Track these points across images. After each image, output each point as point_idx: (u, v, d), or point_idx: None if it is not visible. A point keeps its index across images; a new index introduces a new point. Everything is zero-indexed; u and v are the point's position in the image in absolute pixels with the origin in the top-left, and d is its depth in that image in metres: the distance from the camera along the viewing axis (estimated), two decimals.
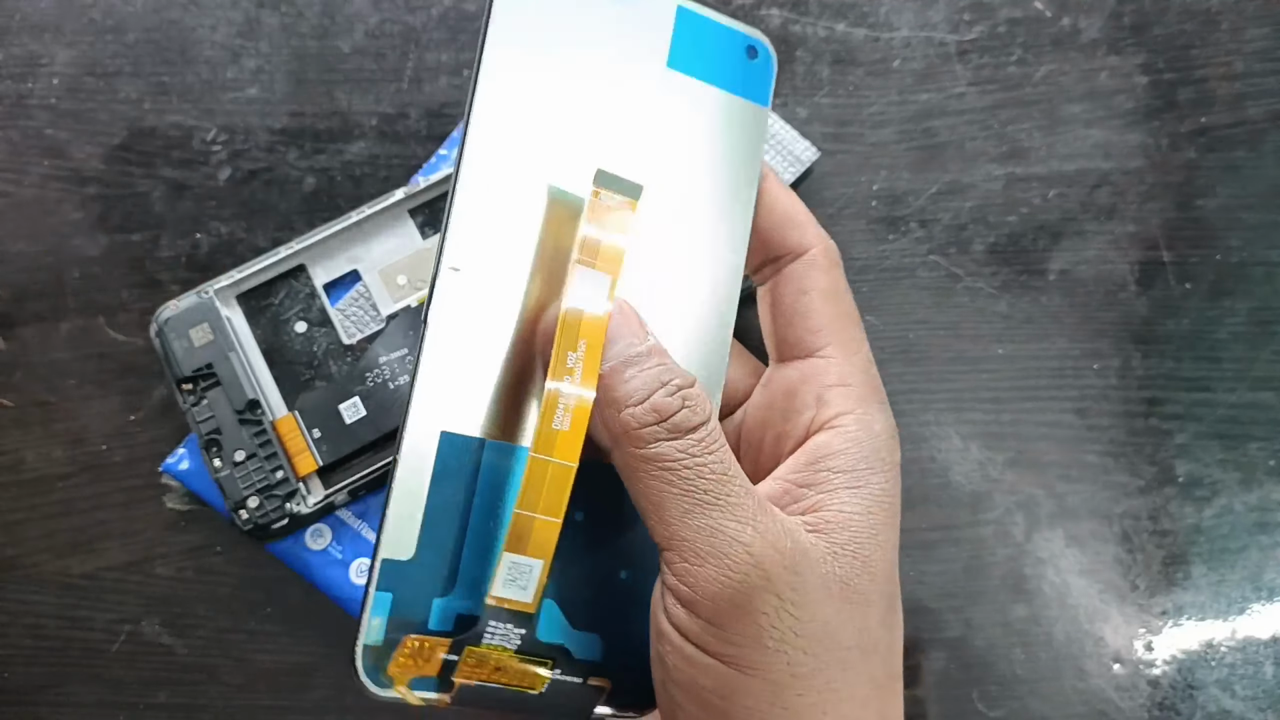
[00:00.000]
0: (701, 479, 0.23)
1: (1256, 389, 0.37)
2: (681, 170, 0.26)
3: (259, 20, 0.40)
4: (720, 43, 0.26)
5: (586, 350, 0.23)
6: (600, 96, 0.25)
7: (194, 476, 0.35)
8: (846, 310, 0.27)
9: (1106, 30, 0.40)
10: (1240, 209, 0.39)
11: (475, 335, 0.24)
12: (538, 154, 0.25)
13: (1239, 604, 0.36)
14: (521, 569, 0.23)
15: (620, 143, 0.25)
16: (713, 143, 0.26)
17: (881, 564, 0.24)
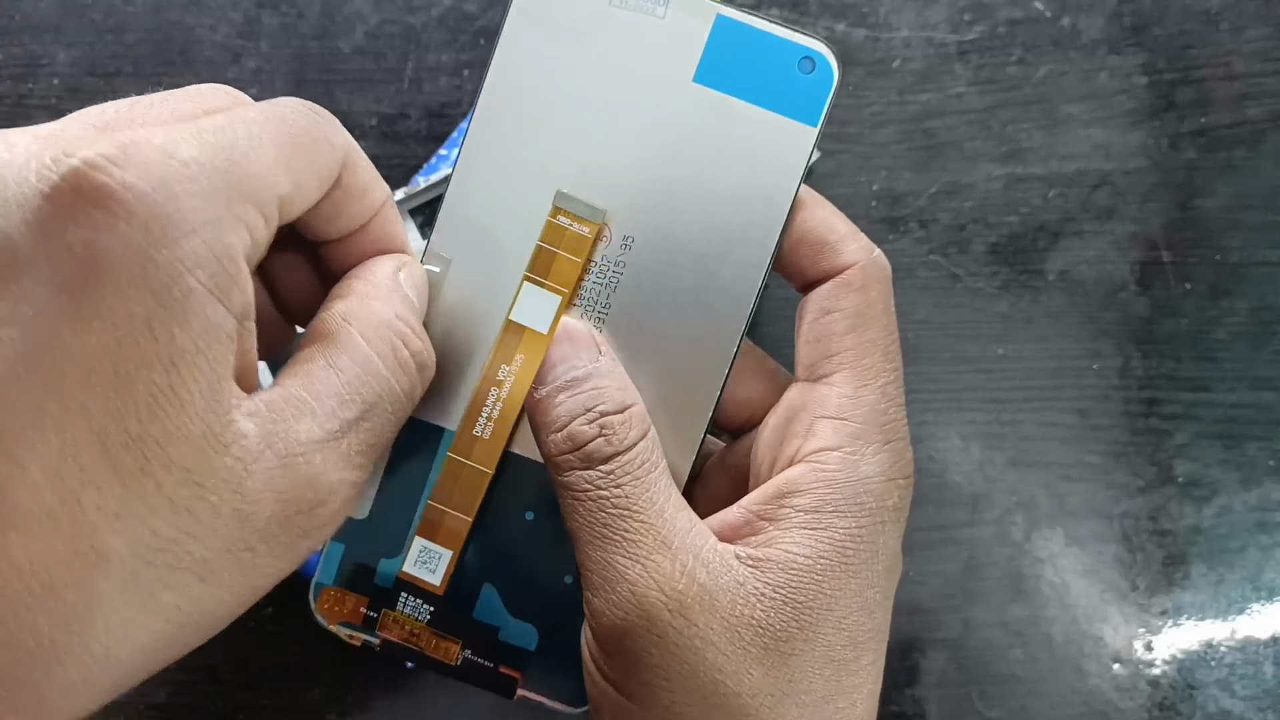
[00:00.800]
0: (603, 511, 0.23)
1: (1256, 389, 0.37)
2: (693, 190, 0.25)
3: (259, 20, 0.40)
4: (766, 54, 0.24)
5: (522, 365, 0.24)
6: (613, 107, 0.24)
7: None
8: (871, 337, 0.25)
9: (1106, 30, 0.40)
10: (1240, 209, 0.39)
11: (452, 324, 0.25)
12: (535, 158, 0.25)
13: (1239, 604, 0.36)
14: (431, 554, 0.25)
15: (624, 156, 0.24)
16: (736, 164, 0.24)
17: (821, 612, 0.22)
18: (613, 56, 0.24)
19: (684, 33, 0.24)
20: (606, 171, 0.24)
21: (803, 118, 0.25)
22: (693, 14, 0.24)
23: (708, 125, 0.24)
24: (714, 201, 0.24)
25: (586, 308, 0.25)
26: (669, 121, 0.24)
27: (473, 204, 0.25)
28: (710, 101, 0.24)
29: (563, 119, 0.24)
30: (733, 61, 0.24)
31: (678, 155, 0.24)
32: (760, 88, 0.24)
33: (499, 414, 0.24)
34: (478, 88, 0.24)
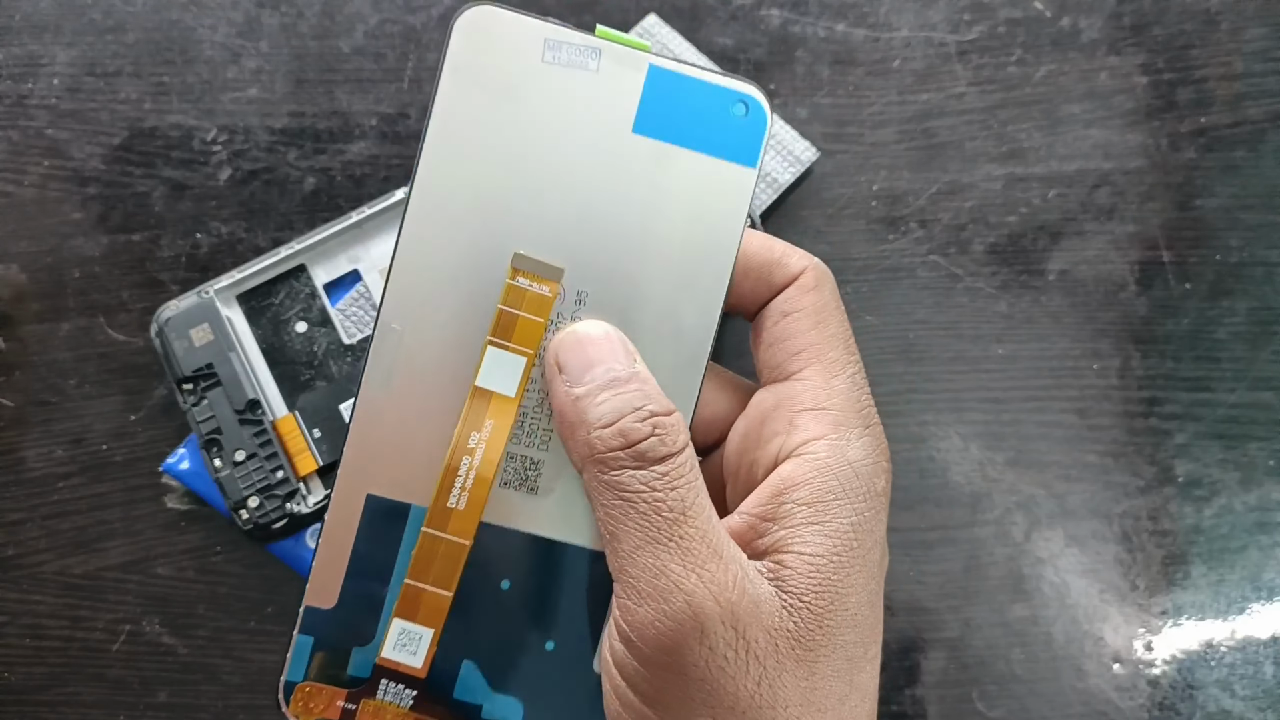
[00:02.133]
0: (658, 514, 0.22)
1: (1256, 389, 0.37)
2: (641, 240, 0.24)
3: (259, 20, 0.40)
4: (701, 101, 0.24)
5: (493, 430, 0.24)
6: (556, 163, 0.24)
7: (194, 476, 0.35)
8: (832, 332, 0.25)
9: (1106, 30, 0.40)
10: (1240, 209, 0.39)
11: (410, 398, 0.24)
12: (482, 220, 0.24)
13: (1239, 604, 0.36)
14: (411, 635, 0.24)
15: (570, 212, 0.24)
16: (681, 210, 0.24)
17: (840, 613, 0.23)
18: (550, 113, 0.24)
19: (619, 85, 0.24)
20: (555, 228, 0.24)
21: (741, 160, 0.25)
22: (626, 66, 0.24)
23: (650, 174, 0.24)
24: (663, 249, 0.24)
25: (541, 363, 0.24)
26: (612, 173, 0.24)
27: (422, 271, 0.24)
28: (650, 151, 0.24)
29: (506, 179, 0.24)
30: (669, 110, 0.24)
31: (623, 206, 0.24)
32: (698, 134, 0.25)
33: (473, 483, 0.24)
34: (417, 150, 0.24)
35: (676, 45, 0.39)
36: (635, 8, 0.40)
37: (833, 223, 0.39)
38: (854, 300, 0.38)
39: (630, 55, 0.24)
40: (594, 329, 0.24)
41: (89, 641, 0.35)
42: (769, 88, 0.40)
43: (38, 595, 0.35)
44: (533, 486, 0.24)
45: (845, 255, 0.38)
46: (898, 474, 0.37)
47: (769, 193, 0.38)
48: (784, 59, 0.40)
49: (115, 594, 0.35)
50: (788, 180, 0.38)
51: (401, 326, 0.24)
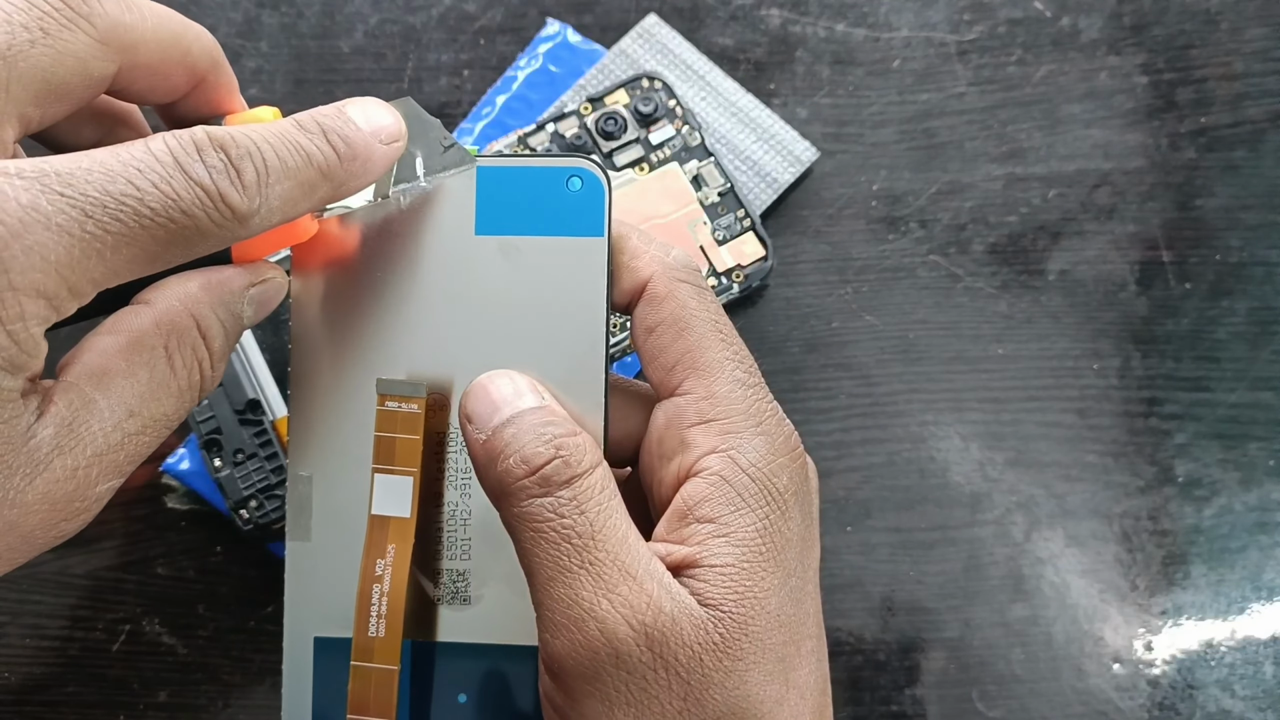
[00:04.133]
0: (567, 542, 0.22)
1: (1256, 389, 0.37)
2: (515, 333, 0.25)
3: (259, 20, 0.40)
4: (534, 187, 0.25)
5: (396, 555, 0.24)
6: (412, 283, 0.25)
7: (194, 476, 0.35)
8: (700, 334, 0.24)
9: (1106, 30, 0.40)
10: (1240, 209, 0.39)
11: (332, 537, 0.25)
12: (361, 352, 0.25)
13: (1239, 604, 0.36)
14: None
15: (440, 325, 0.25)
16: (544, 294, 0.25)
17: (762, 617, 0.22)
18: (397, 238, 0.25)
19: (454, 195, 0.25)
20: (429, 345, 0.25)
21: (588, 232, 0.25)
22: (457, 176, 0.25)
23: (502, 270, 0.25)
24: (537, 334, 0.25)
25: (447, 478, 0.25)
26: (469, 279, 0.25)
27: (315, 414, 0.25)
28: (497, 248, 0.25)
29: (370, 310, 0.25)
30: (506, 204, 0.25)
31: (485, 306, 0.25)
32: (539, 219, 0.25)
33: (387, 609, 0.24)
34: (287, 306, 0.24)
35: (676, 45, 0.39)
36: (635, 8, 0.40)
37: (833, 223, 0.39)
38: (854, 300, 0.38)
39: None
40: (497, 376, 0.24)
41: (89, 641, 0.35)
42: (769, 87, 0.40)
43: (38, 595, 0.35)
44: (465, 597, 0.25)
45: (845, 255, 0.38)
46: (898, 474, 0.37)
47: (769, 193, 0.38)
48: (784, 59, 0.40)
49: (115, 594, 0.35)
50: (788, 180, 0.38)
51: (308, 472, 0.25)
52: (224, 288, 0.22)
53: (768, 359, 0.37)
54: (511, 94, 0.39)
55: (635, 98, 0.37)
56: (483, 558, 0.25)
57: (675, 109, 0.37)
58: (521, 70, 0.39)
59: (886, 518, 0.36)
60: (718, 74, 0.39)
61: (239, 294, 0.22)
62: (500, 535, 0.24)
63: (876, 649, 0.36)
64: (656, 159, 0.37)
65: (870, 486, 0.36)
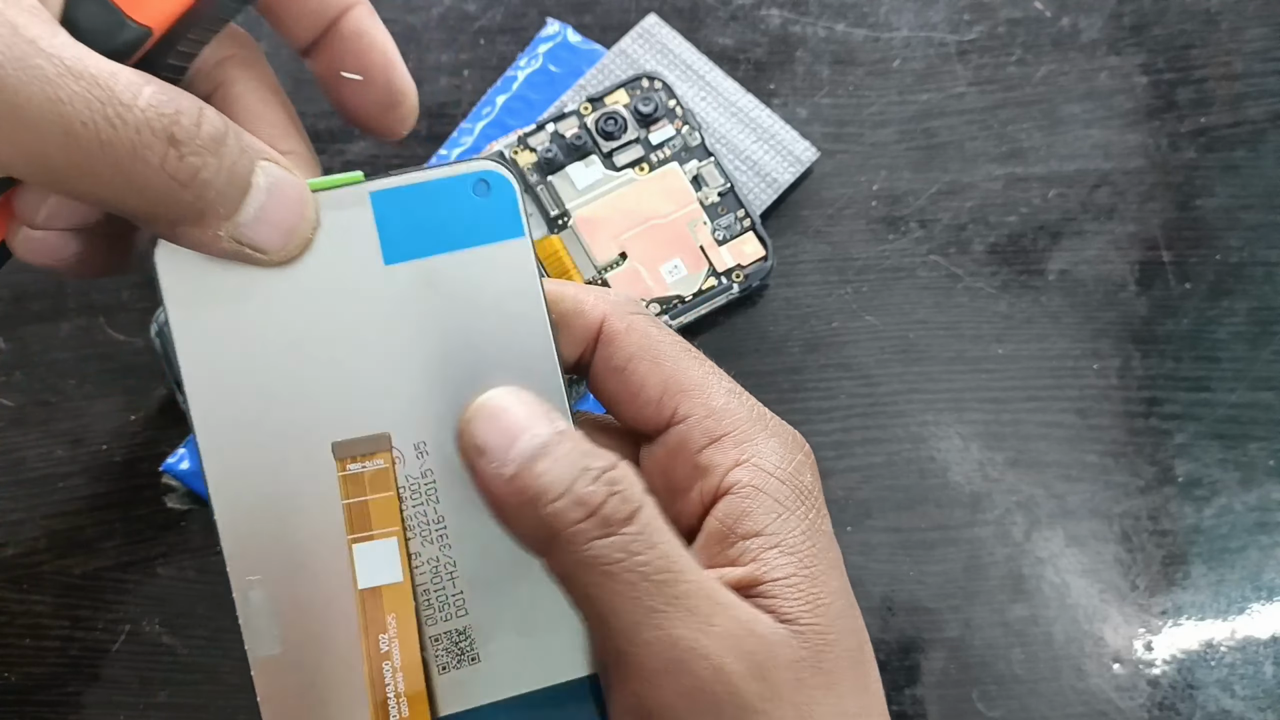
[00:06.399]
0: (646, 580, 0.19)
1: (1256, 389, 0.37)
2: (451, 358, 0.22)
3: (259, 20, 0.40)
4: (438, 201, 0.23)
5: (399, 624, 0.22)
6: (327, 331, 0.22)
7: (194, 476, 0.35)
8: (675, 357, 0.23)
9: (1106, 30, 0.40)
10: (1240, 209, 0.39)
11: (310, 638, 0.22)
12: (286, 423, 0.22)
13: (1239, 604, 0.36)
14: None
15: (369, 371, 0.22)
16: (474, 309, 0.23)
17: (837, 622, 0.21)
18: (296, 289, 0.22)
19: (351, 227, 0.22)
20: (362, 396, 0.22)
21: (504, 235, 0.23)
22: (348, 206, 0.22)
23: (423, 294, 0.23)
24: (477, 353, 0.23)
25: (418, 535, 0.23)
26: (387, 311, 0.22)
27: (250, 512, 0.22)
28: (412, 273, 0.23)
29: (284, 376, 0.22)
30: (410, 225, 0.23)
31: (416, 337, 0.22)
32: (450, 233, 0.23)
33: (405, 684, 0.22)
34: (184, 400, 0.22)
35: (676, 46, 0.39)
36: (635, 8, 0.40)
37: (833, 223, 0.39)
38: (854, 300, 0.38)
39: (347, 195, 0.22)
40: (504, 397, 0.21)
41: (89, 641, 0.35)
42: (769, 87, 0.40)
43: (38, 595, 0.35)
44: (473, 656, 0.23)
45: (845, 255, 0.38)
46: (898, 474, 0.37)
47: (769, 193, 0.38)
48: (784, 59, 0.40)
49: (115, 594, 0.35)
50: (788, 180, 0.38)
51: (257, 575, 0.22)
52: None
53: (768, 359, 0.37)
54: (511, 94, 0.39)
55: (635, 98, 0.37)
56: (480, 609, 0.23)
57: (675, 109, 0.37)
58: (521, 70, 0.39)
59: (886, 518, 0.36)
60: (718, 74, 0.39)
61: None
62: (492, 579, 0.22)
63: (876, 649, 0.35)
64: (656, 159, 0.37)
65: (870, 486, 0.36)
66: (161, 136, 0.19)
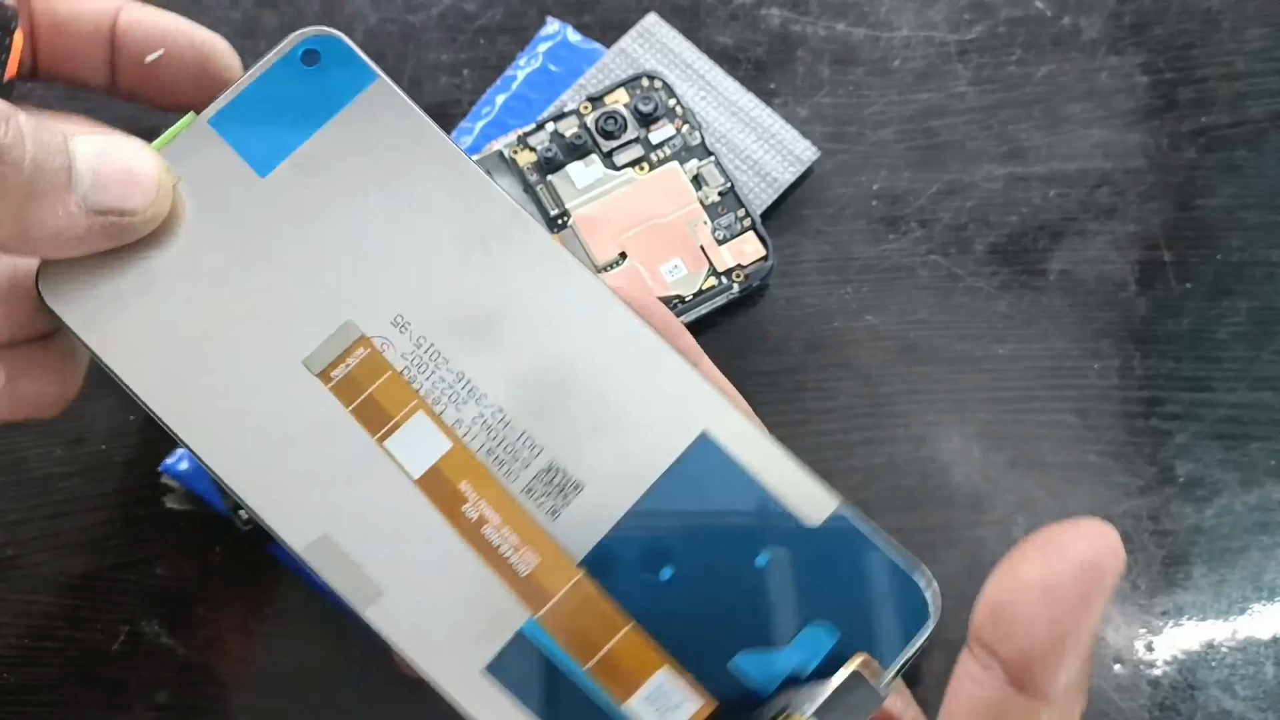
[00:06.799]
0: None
1: (1257, 389, 0.37)
2: (369, 223, 0.21)
3: (258, 20, 0.40)
4: (276, 93, 0.21)
5: (475, 486, 0.21)
6: (242, 270, 0.21)
7: (194, 476, 0.35)
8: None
9: (1107, 30, 0.40)
10: (1241, 209, 0.39)
11: (403, 560, 0.20)
12: (251, 381, 0.21)
13: (1240, 604, 0.36)
14: (658, 695, 0.20)
15: (303, 283, 0.21)
16: (367, 171, 0.21)
17: None
18: (194, 247, 0.21)
19: (212, 163, 0.22)
20: (307, 307, 0.21)
21: (359, 87, 0.22)
22: (199, 147, 0.22)
23: (317, 179, 0.22)
24: (397, 201, 0.21)
25: (449, 402, 0.21)
26: (290, 215, 0.21)
27: (268, 480, 0.21)
28: (293, 169, 0.22)
29: (226, 333, 0.21)
30: (264, 129, 0.22)
31: (332, 223, 0.21)
32: (305, 114, 0.22)
33: (516, 535, 0.20)
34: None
35: (677, 45, 0.39)
36: (635, 7, 0.40)
37: (833, 222, 0.38)
38: (854, 300, 0.38)
39: (190, 136, 0.22)
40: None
41: (88, 642, 0.35)
42: (770, 87, 0.39)
43: (36, 595, 0.35)
44: (574, 485, 0.21)
45: (846, 255, 0.38)
46: (899, 474, 0.37)
47: (769, 192, 0.38)
48: (784, 58, 0.40)
49: (115, 594, 0.35)
50: (788, 180, 0.38)
51: (319, 534, 0.21)
52: None
53: (768, 359, 0.37)
54: (511, 93, 0.39)
55: (635, 97, 0.37)
56: (553, 439, 0.21)
57: (675, 108, 0.37)
58: (521, 69, 0.39)
59: (888, 518, 0.36)
60: (718, 73, 0.39)
61: None
62: (546, 405, 0.21)
63: None
64: (657, 158, 0.37)
65: (871, 487, 0.36)
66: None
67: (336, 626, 0.35)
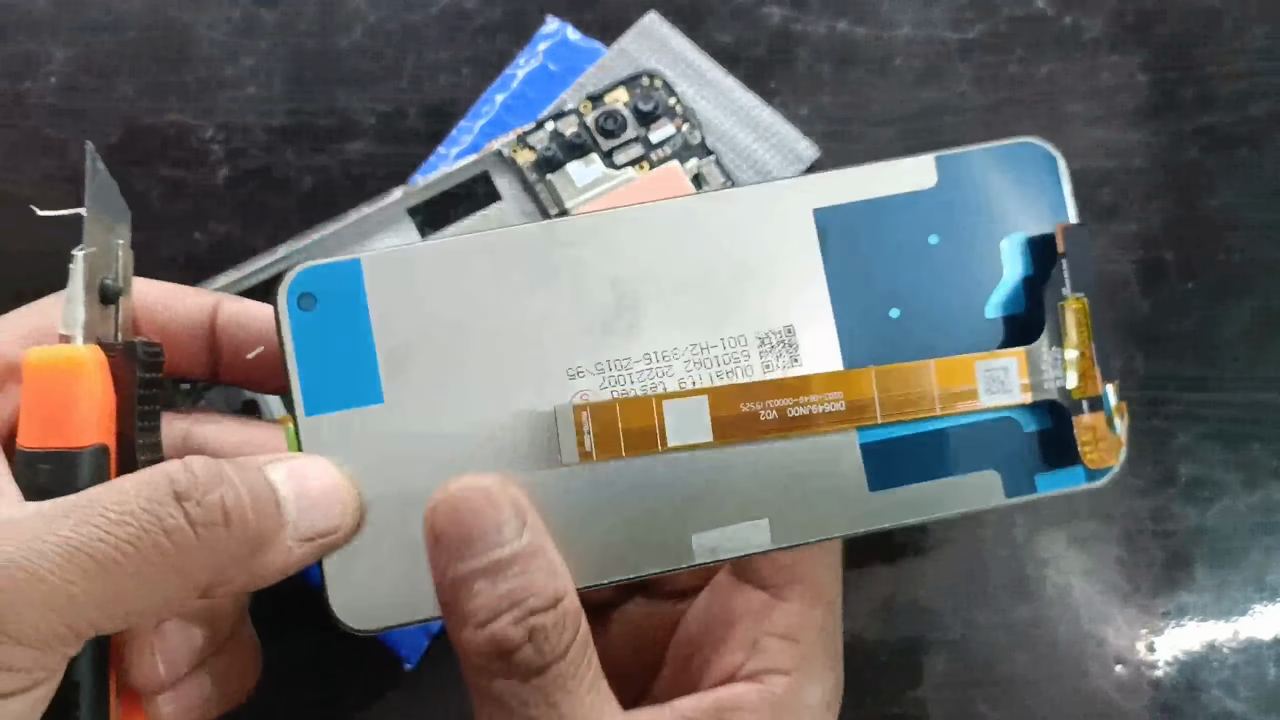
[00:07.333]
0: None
1: (1259, 389, 0.37)
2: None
3: (257, 18, 0.39)
4: (322, 350, 0.22)
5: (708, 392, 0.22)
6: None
7: None
8: (828, 552, 0.24)
9: (1108, 29, 0.40)
10: (1243, 208, 0.38)
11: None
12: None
13: (1242, 605, 0.36)
14: (993, 376, 0.23)
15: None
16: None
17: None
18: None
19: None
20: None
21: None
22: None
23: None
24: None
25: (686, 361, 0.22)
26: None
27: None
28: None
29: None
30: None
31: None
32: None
33: (810, 397, 0.22)
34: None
35: (677, 43, 0.39)
36: (635, 5, 0.40)
37: None
38: None
39: (309, 430, 0.22)
40: (475, 496, 0.21)
41: None
42: (770, 86, 0.39)
43: None
44: (787, 329, 0.23)
45: None
46: None
47: None
48: (785, 57, 0.40)
49: None
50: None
51: (767, 523, 0.22)
52: None
53: None
54: (511, 92, 0.39)
55: (635, 96, 0.37)
56: (735, 324, 0.23)
57: (675, 107, 0.37)
58: (521, 68, 0.39)
59: None
60: (718, 72, 0.38)
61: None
62: (704, 310, 0.22)
63: (878, 651, 0.35)
64: (657, 157, 0.37)
65: None
66: (169, 512, 0.19)
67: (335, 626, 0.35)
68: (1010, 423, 0.23)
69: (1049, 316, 0.23)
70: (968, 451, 0.23)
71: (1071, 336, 0.23)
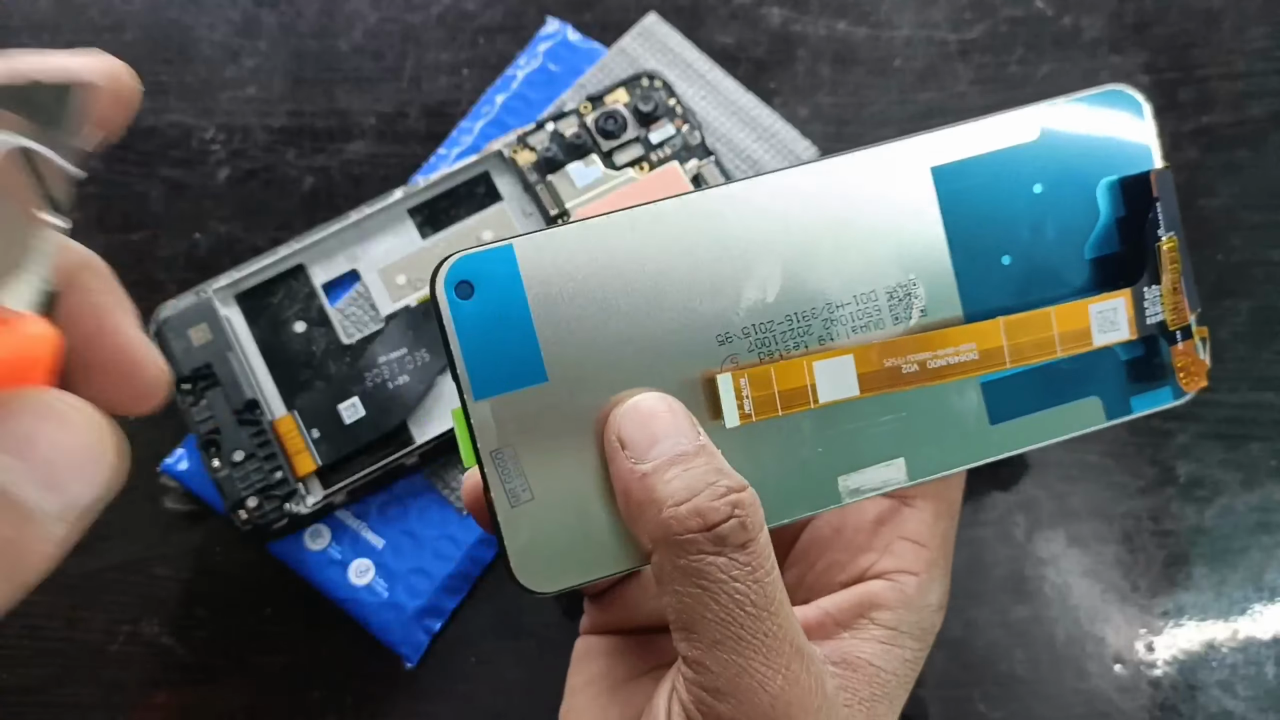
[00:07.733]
0: (741, 609, 0.20)
1: (1258, 389, 0.37)
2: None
3: (258, 19, 0.40)
4: (486, 336, 0.23)
5: (853, 358, 0.24)
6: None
7: (193, 476, 0.35)
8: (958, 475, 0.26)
9: (1108, 29, 0.40)
10: (1242, 208, 0.38)
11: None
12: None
13: (1240, 604, 0.36)
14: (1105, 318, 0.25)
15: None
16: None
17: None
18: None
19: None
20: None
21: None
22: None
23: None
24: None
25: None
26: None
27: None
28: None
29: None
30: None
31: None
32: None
33: (946, 349, 0.24)
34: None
35: (677, 44, 0.39)
36: (635, 6, 0.40)
37: None
38: None
39: (477, 416, 0.23)
40: (656, 402, 0.22)
41: (88, 642, 0.35)
42: (770, 86, 0.39)
43: (36, 595, 0.35)
44: (911, 283, 0.24)
45: None
46: None
47: None
48: (785, 58, 0.40)
49: (114, 594, 0.35)
50: None
51: (902, 463, 0.24)
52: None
53: None
54: (511, 93, 0.39)
55: (635, 96, 0.37)
56: (866, 282, 0.24)
57: (675, 108, 0.37)
58: (521, 69, 0.39)
59: None
60: (718, 73, 0.38)
61: None
62: (831, 275, 0.24)
63: None
64: (657, 158, 0.37)
65: None
66: None
67: (336, 626, 0.35)
68: (1110, 353, 0.25)
69: (1149, 258, 0.25)
70: (1073, 382, 0.25)
71: (1166, 273, 0.25)
